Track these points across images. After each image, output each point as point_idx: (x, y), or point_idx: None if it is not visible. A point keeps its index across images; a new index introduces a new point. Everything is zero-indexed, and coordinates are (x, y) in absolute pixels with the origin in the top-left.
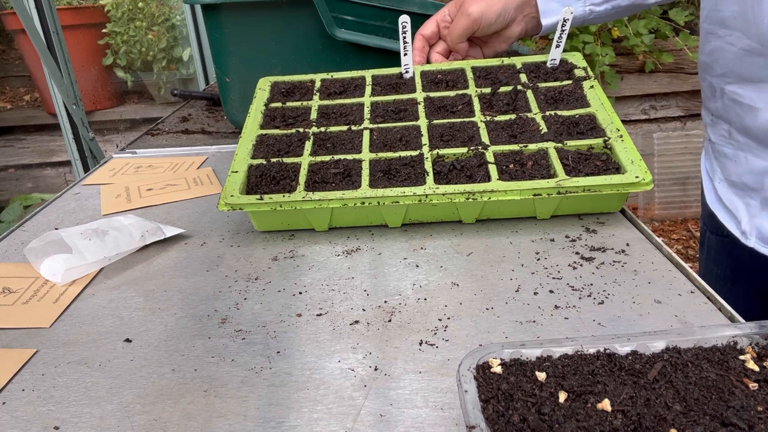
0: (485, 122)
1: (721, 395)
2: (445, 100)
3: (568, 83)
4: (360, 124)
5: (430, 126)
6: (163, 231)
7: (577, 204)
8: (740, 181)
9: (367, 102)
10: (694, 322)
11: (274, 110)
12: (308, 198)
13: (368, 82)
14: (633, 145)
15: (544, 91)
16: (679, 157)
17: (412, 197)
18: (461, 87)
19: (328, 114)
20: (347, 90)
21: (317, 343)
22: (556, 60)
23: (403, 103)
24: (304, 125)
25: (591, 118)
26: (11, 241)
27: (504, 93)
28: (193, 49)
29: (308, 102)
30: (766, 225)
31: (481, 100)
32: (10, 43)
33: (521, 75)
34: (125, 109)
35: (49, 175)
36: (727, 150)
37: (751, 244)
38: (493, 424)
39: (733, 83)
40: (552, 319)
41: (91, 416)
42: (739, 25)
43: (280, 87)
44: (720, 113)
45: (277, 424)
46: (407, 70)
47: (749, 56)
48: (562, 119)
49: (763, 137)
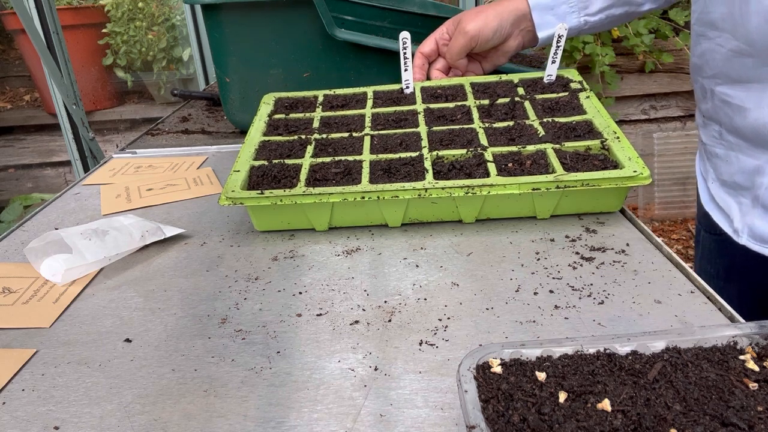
0: (484, 128)
1: (721, 395)
2: (445, 111)
3: (564, 95)
4: (361, 131)
5: (430, 132)
6: (163, 231)
7: (577, 203)
8: (732, 181)
9: (368, 113)
10: (694, 322)
11: (277, 120)
12: (308, 192)
13: (369, 97)
14: (630, 145)
15: (541, 102)
16: (679, 157)
17: (412, 191)
18: (460, 99)
19: (330, 123)
20: (349, 103)
21: (317, 343)
22: (552, 76)
23: (404, 113)
24: (306, 132)
25: (588, 124)
26: (11, 241)
27: (502, 104)
28: (193, 49)
29: (311, 113)
30: (757, 223)
31: (480, 110)
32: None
33: (518, 89)
34: (125, 109)
35: (49, 175)
36: (718, 150)
37: (743, 242)
38: (493, 424)
39: (722, 84)
40: (552, 319)
41: (91, 416)
42: (728, 26)
43: (283, 102)
44: (710, 114)
45: (277, 424)
46: (408, 85)
47: (738, 57)
48: (559, 125)
49: (752, 137)
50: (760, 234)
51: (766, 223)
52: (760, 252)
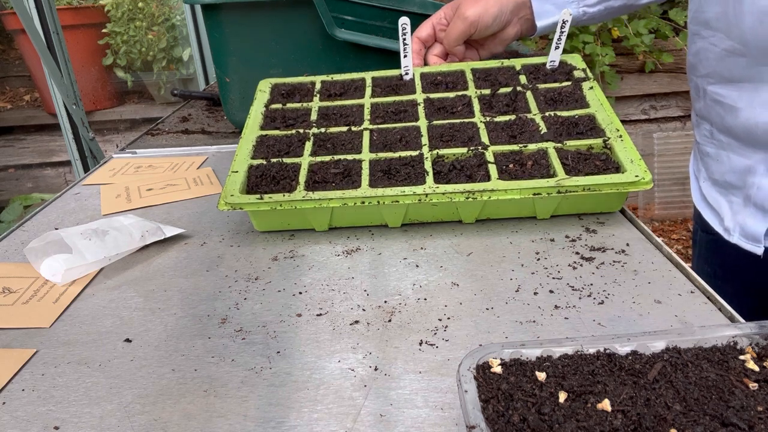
0: (485, 123)
1: (721, 395)
2: (445, 101)
3: (567, 84)
4: (360, 125)
5: (430, 126)
6: (163, 231)
7: (577, 204)
8: (723, 180)
9: (367, 103)
10: (694, 322)
11: (274, 111)
12: (308, 197)
13: (368, 84)
14: (632, 145)
15: (544, 92)
16: (679, 157)
17: (412, 196)
18: (461, 88)
19: (328, 115)
20: (347, 92)
21: (317, 343)
22: (555, 62)
23: (403, 104)
24: (304, 126)
25: (590, 119)
26: (11, 241)
27: (504, 94)
28: (193, 49)
29: (308, 103)
30: (748, 222)
31: (481, 101)
32: (10, 43)
33: (521, 76)
34: (125, 109)
35: (49, 175)
36: (709, 149)
37: (734, 241)
38: (493, 424)
39: (715, 83)
40: (552, 319)
41: (91, 416)
42: (722, 26)
43: (280, 89)
44: (702, 113)
45: (277, 424)
46: (407, 71)
47: (731, 56)
48: (561, 119)
49: (744, 136)
50: (751, 233)
51: (757, 222)
52: (751, 251)
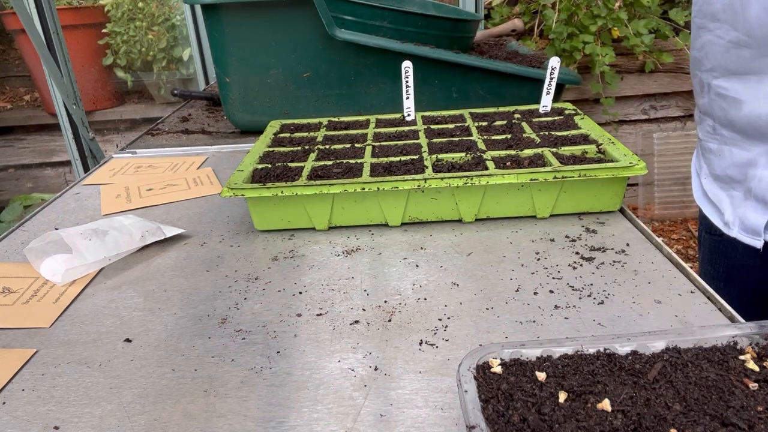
0: (483, 139)
1: (721, 395)
2: (445, 130)
3: (560, 117)
4: (363, 143)
5: (430, 144)
6: (163, 231)
7: (576, 201)
8: (724, 174)
9: (370, 132)
10: (694, 322)
11: (281, 138)
12: (309, 184)
13: (372, 122)
14: (625, 147)
15: (538, 123)
16: (679, 157)
17: (412, 182)
18: (460, 122)
19: (333, 139)
20: (351, 126)
21: (317, 343)
22: (547, 107)
23: (405, 132)
24: (310, 145)
25: (583, 136)
26: (11, 241)
27: (500, 124)
28: (193, 49)
29: (315, 133)
30: (749, 215)
31: (479, 129)
32: (10, 43)
33: (516, 115)
34: (125, 109)
35: (49, 175)
36: (711, 145)
37: (734, 235)
38: (493, 424)
39: (719, 77)
40: (552, 319)
41: (91, 416)
42: (728, 17)
43: (289, 126)
44: (706, 109)
45: (277, 424)
46: (409, 113)
47: (736, 48)
48: (555, 136)
49: (747, 129)
50: (751, 226)
51: (757, 215)
52: (751, 244)
